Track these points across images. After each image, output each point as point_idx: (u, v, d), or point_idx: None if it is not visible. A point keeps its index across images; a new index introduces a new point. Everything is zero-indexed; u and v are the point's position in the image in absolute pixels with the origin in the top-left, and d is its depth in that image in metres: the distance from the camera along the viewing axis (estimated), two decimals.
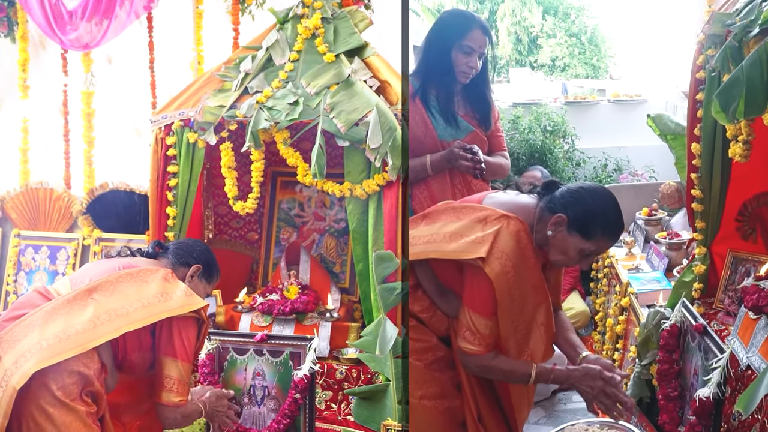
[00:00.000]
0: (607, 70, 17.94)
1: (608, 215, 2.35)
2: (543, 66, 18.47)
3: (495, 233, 2.33)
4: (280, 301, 3.51)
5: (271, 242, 4.00)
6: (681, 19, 6.18)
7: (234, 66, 3.55)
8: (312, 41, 3.44)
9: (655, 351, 2.73)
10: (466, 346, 2.37)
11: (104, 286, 2.52)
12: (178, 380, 2.57)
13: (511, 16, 19.20)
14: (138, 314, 2.48)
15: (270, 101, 3.32)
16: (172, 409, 2.59)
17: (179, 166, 3.48)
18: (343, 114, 3.15)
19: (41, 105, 4.82)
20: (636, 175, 5.61)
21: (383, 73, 3.30)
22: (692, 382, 2.49)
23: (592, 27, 19.12)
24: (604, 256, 4.23)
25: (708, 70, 2.61)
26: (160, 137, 3.54)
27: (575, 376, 2.37)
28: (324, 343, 3.38)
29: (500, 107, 6.18)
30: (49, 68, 4.78)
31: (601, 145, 6.03)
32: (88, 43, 4.20)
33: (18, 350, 2.34)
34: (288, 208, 4.02)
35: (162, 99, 4.36)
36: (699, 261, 2.93)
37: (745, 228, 3.01)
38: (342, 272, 3.85)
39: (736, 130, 2.51)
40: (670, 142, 4.30)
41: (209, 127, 3.40)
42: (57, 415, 2.32)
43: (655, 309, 2.82)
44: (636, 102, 6.47)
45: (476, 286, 2.35)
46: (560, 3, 19.76)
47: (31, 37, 4.76)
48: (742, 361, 2.36)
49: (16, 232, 4.41)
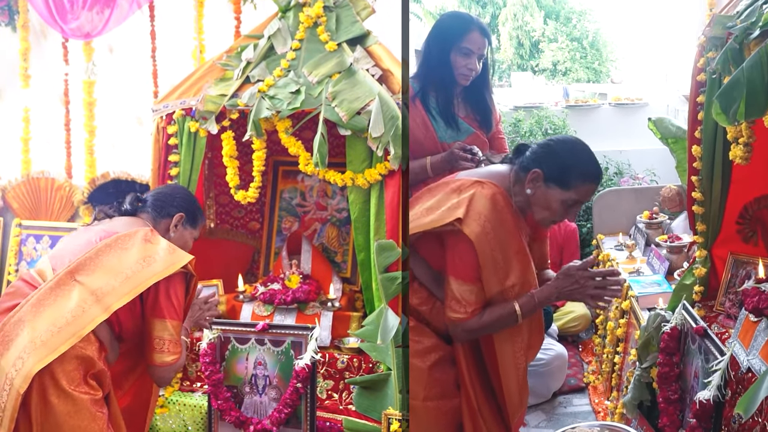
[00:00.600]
0: (608, 74, 18.01)
1: (582, 161, 2.41)
2: (545, 70, 18.56)
3: (470, 197, 2.35)
4: (281, 290, 3.51)
5: (273, 232, 3.99)
6: (682, 23, 6.19)
7: (235, 55, 3.53)
8: (314, 30, 3.42)
9: (656, 354, 2.72)
10: (454, 315, 2.38)
11: (85, 264, 2.46)
12: (169, 341, 2.54)
13: (513, 21, 19.27)
14: (124, 288, 2.43)
15: (272, 90, 3.31)
16: (165, 369, 2.56)
17: (181, 156, 3.47)
18: (345, 103, 3.14)
19: (42, 94, 4.81)
20: (637, 178, 5.63)
21: (386, 62, 3.29)
22: (693, 384, 2.49)
23: (594, 31, 19.21)
24: (605, 259, 4.24)
25: (709, 73, 2.61)
26: (162, 126, 3.53)
27: (559, 284, 2.39)
28: (325, 332, 3.38)
29: (501, 111, 6.22)
30: (51, 57, 4.77)
31: (603, 149, 6.03)
32: (89, 32, 4.20)
33: (14, 351, 2.31)
34: (289, 197, 4.01)
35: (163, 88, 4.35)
36: (700, 264, 2.92)
37: (745, 231, 3.00)
38: (344, 262, 3.84)
39: (736, 132, 2.50)
40: (671, 146, 4.29)
41: (211, 116, 3.39)
42: (60, 406, 2.30)
43: (655, 312, 2.81)
44: (637, 106, 6.50)
45: (458, 252, 2.36)
46: (562, 7, 19.85)
47: (32, 26, 4.75)
48: (743, 363, 2.35)
49: (17, 221, 4.41)
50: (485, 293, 2.38)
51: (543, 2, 19.80)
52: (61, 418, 2.31)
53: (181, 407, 3.40)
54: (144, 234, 2.56)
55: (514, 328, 2.42)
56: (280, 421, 3.02)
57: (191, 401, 3.40)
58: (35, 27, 4.79)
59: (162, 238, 2.59)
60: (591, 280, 2.36)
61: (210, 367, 3.13)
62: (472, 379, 2.52)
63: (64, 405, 2.31)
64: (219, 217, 4.06)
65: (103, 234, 2.58)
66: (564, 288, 2.38)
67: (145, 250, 2.51)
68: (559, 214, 2.40)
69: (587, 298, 2.40)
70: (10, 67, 4.78)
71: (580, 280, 2.36)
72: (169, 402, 3.41)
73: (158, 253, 2.51)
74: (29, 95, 4.73)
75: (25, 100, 4.73)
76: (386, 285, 2.96)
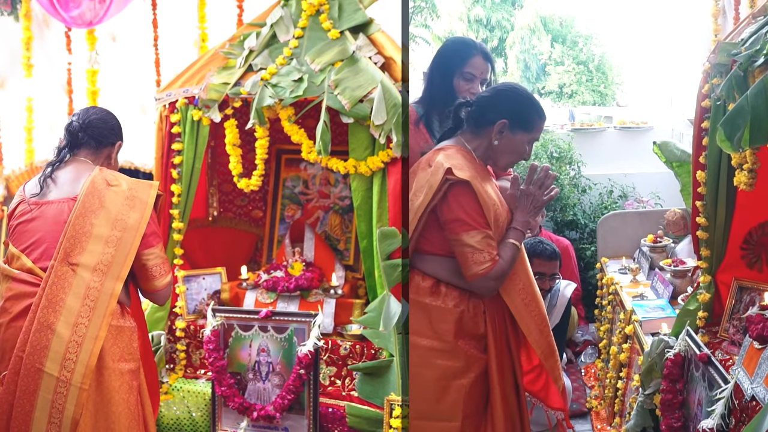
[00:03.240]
0: (614, 98, 18.10)
1: (533, 101, 2.58)
2: (551, 93, 18.68)
3: (443, 158, 2.47)
4: (284, 278, 3.53)
5: (276, 220, 4.00)
6: (687, 48, 6.16)
7: (238, 43, 3.54)
8: (316, 18, 3.42)
9: (659, 380, 2.71)
10: (480, 268, 2.43)
11: (72, 246, 2.46)
12: (162, 263, 2.65)
13: (520, 44, 19.40)
14: (123, 250, 2.50)
15: (274, 78, 3.31)
16: (168, 287, 2.69)
17: (184, 144, 3.48)
18: (347, 91, 3.14)
19: (45, 83, 4.81)
20: (641, 201, 5.61)
21: (388, 50, 3.29)
22: (696, 412, 2.46)
23: (600, 55, 19.32)
24: (608, 283, 4.17)
25: (713, 99, 2.59)
26: (165, 115, 3.53)
27: (523, 206, 2.56)
28: (328, 319, 3.40)
29: None
30: (53, 46, 4.77)
31: (607, 172, 6.10)
32: (91, 20, 4.19)
33: (54, 355, 2.38)
34: (292, 185, 4.02)
35: (166, 76, 4.35)
36: (704, 289, 2.88)
37: (750, 256, 2.96)
38: (346, 249, 3.86)
39: (741, 158, 2.47)
40: (676, 170, 4.28)
41: (213, 105, 3.40)
42: (106, 382, 2.45)
43: (659, 337, 2.79)
44: (642, 129, 6.49)
45: (460, 205, 2.44)
46: (569, 31, 19.94)
47: (35, 15, 4.74)
48: (747, 391, 2.28)
49: None
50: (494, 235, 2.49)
51: (550, 26, 19.95)
52: (109, 394, 2.45)
53: (185, 394, 3.42)
54: (100, 181, 2.56)
55: (510, 279, 2.53)
56: (283, 407, 3.04)
57: (195, 388, 3.42)
58: (38, 16, 4.78)
59: (119, 177, 2.62)
60: (540, 188, 2.56)
61: (213, 354, 3.15)
62: (503, 370, 2.56)
63: (110, 380, 2.45)
64: (222, 206, 4.07)
65: (64, 197, 2.55)
66: (529, 206, 2.56)
67: (115, 200, 2.54)
68: (524, 154, 2.58)
69: (546, 203, 2.60)
70: (13, 56, 4.78)
71: (535, 192, 2.55)
72: (173, 389, 3.43)
73: (130, 199, 2.56)
74: (32, 84, 4.73)
75: (28, 90, 4.73)
76: (388, 272, 2.97)
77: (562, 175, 5.80)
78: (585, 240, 5.78)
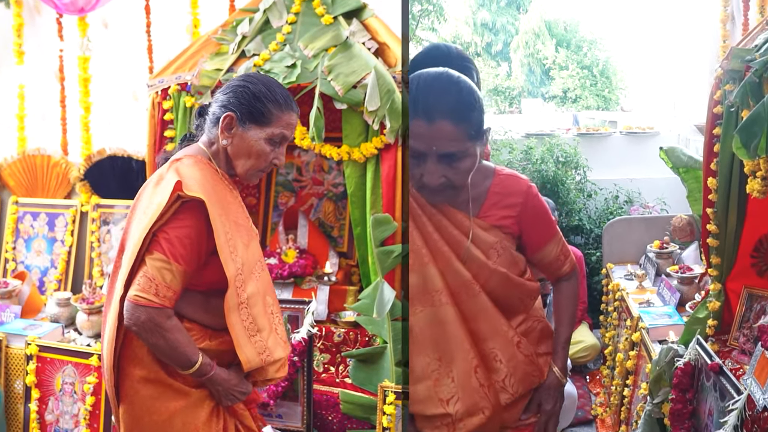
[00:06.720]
0: (618, 102, 18.09)
1: (266, 89, 2.08)
2: (555, 97, 18.73)
3: (174, 173, 2.04)
4: (278, 265, 3.52)
5: (269, 207, 3.99)
6: (692, 53, 6.12)
7: (231, 29, 3.51)
8: (310, 3, 3.40)
9: (668, 389, 2.64)
10: (140, 294, 1.94)
11: (125, 236, 2.19)
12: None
13: (525, 48, 19.42)
14: (128, 252, 2.10)
15: (267, 64, 3.29)
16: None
17: (176, 131, 3.46)
18: (341, 77, 3.12)
19: (37, 71, 4.78)
20: (647, 207, 5.57)
21: (382, 35, 3.27)
22: (707, 423, 2.41)
23: (604, 60, 19.34)
24: (614, 289, 4.12)
25: (726, 106, 2.55)
26: (157, 102, 3.51)
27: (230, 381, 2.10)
28: (322, 306, 3.39)
29: (513, 138, 6.20)
30: (45, 33, 4.73)
31: (613, 177, 6.05)
32: (82, 6, 4.16)
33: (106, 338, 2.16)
34: (286, 172, 4.01)
35: (159, 63, 4.32)
36: (714, 297, 2.85)
37: (760, 264, 2.92)
38: (340, 236, 3.85)
39: (754, 165, 2.44)
40: (682, 175, 4.26)
41: (206, 91, 3.38)
42: (145, 391, 2.10)
43: (668, 345, 2.70)
44: (648, 134, 6.46)
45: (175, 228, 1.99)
46: (573, 36, 19.98)
47: (26, 2, 4.71)
48: (759, 402, 2.23)
49: (14, 199, 4.40)
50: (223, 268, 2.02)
51: (554, 30, 19.99)
52: (149, 402, 2.13)
53: None
54: (158, 178, 2.13)
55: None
56: (277, 394, 3.04)
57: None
58: (29, 2, 4.74)
59: (173, 171, 2.08)
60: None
61: None
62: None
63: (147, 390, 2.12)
64: None
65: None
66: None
67: (151, 198, 2.10)
68: (267, 155, 2.08)
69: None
70: (4, 43, 4.74)
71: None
72: None
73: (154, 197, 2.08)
74: (24, 72, 4.70)
75: (19, 77, 4.70)
76: (382, 259, 2.97)
77: (567, 180, 5.78)
78: (590, 245, 5.76)
